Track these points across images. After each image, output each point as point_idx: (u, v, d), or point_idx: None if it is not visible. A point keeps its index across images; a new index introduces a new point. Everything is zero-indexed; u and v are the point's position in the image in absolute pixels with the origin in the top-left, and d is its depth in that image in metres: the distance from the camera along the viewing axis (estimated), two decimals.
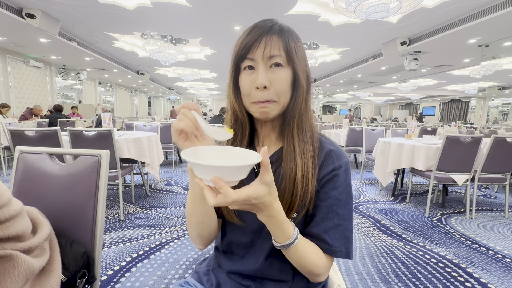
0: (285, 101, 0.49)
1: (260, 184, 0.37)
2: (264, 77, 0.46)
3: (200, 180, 0.35)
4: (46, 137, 2.03)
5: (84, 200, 0.64)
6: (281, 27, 0.49)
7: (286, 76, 0.48)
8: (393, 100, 20.60)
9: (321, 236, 0.48)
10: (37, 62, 7.34)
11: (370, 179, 3.65)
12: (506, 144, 2.17)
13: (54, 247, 0.52)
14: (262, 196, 0.37)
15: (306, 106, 0.51)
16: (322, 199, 0.49)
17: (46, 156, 0.68)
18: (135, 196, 2.72)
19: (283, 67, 0.47)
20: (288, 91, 0.49)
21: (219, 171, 0.33)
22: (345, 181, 0.50)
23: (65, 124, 4.63)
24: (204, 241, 0.56)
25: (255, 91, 0.47)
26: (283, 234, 0.43)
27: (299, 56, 0.49)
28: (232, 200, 0.34)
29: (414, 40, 5.56)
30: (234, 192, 0.34)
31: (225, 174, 0.33)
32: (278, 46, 0.46)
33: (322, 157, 0.51)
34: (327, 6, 4.36)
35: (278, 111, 0.49)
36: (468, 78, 9.71)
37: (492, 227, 2.13)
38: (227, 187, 0.33)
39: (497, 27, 4.40)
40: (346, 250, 0.48)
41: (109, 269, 1.46)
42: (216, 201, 0.34)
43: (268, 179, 0.37)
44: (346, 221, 0.49)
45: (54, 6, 4.40)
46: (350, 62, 8.25)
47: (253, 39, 0.47)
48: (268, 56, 0.46)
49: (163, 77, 12.17)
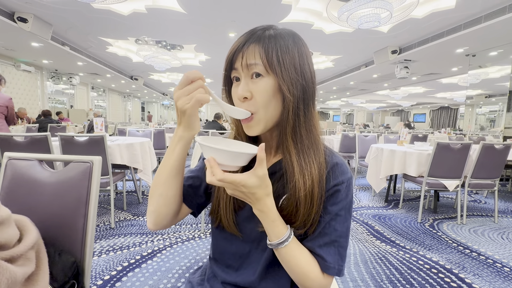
0: (268, 114, 0.45)
1: (252, 175, 0.39)
2: (243, 87, 0.44)
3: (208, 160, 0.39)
4: (35, 142, 1.98)
5: (74, 208, 0.62)
6: (266, 34, 0.45)
7: (267, 86, 0.44)
8: (385, 107, 21.00)
9: (317, 251, 0.47)
10: (28, 66, 7.23)
11: (364, 185, 3.68)
12: (494, 150, 2.23)
13: (42, 256, 0.50)
14: (252, 187, 0.39)
15: (303, 119, 0.46)
16: (321, 214, 0.48)
17: (36, 162, 0.67)
18: (127, 202, 2.67)
19: (263, 76, 0.44)
20: (272, 103, 0.45)
21: (217, 153, 0.38)
22: (346, 197, 0.48)
23: (56, 129, 4.53)
24: (158, 220, 0.50)
25: (239, 103, 0.46)
26: (274, 232, 0.44)
27: (286, 64, 0.44)
28: (219, 179, 0.38)
29: (405, 49, 5.71)
30: (223, 172, 0.38)
31: (221, 157, 0.39)
32: (253, 54, 0.43)
33: (326, 173, 0.48)
34: (320, 15, 4.45)
35: (262, 126, 0.46)
36: (457, 86, 10.00)
37: (482, 232, 2.16)
38: (217, 167, 0.38)
39: (483, 37, 4.56)
40: (339, 267, 0.47)
41: (99, 279, 1.42)
42: (209, 179, 0.39)
43: (261, 173, 0.39)
44: (343, 237, 0.48)
45: (47, 10, 4.36)
46: (343, 70, 8.41)
47: (234, 49, 0.45)
48: (245, 65, 0.44)
49: (157, 83, 12.13)
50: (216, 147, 0.38)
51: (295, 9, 4.22)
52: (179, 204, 0.52)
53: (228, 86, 0.50)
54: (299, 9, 4.26)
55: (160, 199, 0.49)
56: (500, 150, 2.24)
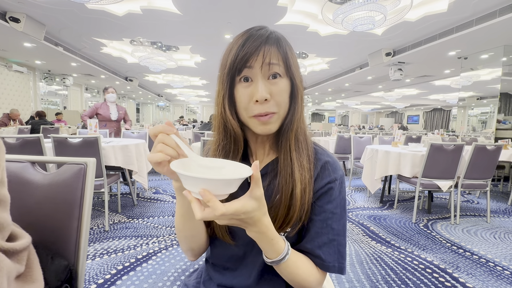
0: (284, 113, 0.47)
1: (249, 199, 0.36)
2: (265, 89, 0.43)
3: (188, 192, 0.34)
4: (27, 144, 1.95)
5: (67, 210, 0.61)
6: (277, 36, 0.47)
7: (286, 87, 0.46)
8: (379, 109, 21.23)
9: (315, 252, 0.47)
10: (20, 67, 7.11)
11: (359, 186, 3.71)
12: (486, 151, 2.27)
13: (33, 258, 0.49)
14: (251, 211, 0.36)
15: (302, 117, 0.50)
16: (316, 213, 0.48)
17: (28, 164, 0.65)
18: (122, 205, 2.64)
19: (282, 77, 0.45)
20: (287, 102, 0.47)
21: (208, 183, 0.32)
22: (340, 194, 0.49)
23: (49, 130, 4.46)
24: (195, 253, 0.55)
25: (254, 104, 0.44)
26: (273, 250, 0.42)
27: (296, 65, 0.47)
28: (220, 214, 0.32)
29: (398, 51, 5.79)
30: (223, 205, 0.33)
31: (214, 187, 0.32)
32: (277, 56, 0.44)
33: (318, 169, 0.49)
34: (315, 17, 4.49)
35: (278, 124, 0.47)
36: (449, 88, 10.17)
37: (475, 232, 2.20)
38: (215, 200, 0.32)
39: (475, 40, 4.66)
40: (339, 265, 0.48)
41: (92, 282, 1.40)
42: (203, 215, 0.33)
43: (258, 193, 0.36)
44: (340, 235, 0.48)
45: (40, 10, 4.31)
46: (338, 72, 8.48)
47: (251, 50, 0.43)
48: (268, 67, 0.44)
49: (152, 84, 12.05)
50: (205, 177, 0.31)
51: (290, 11, 4.25)
52: (205, 234, 0.54)
53: (230, 87, 0.47)
54: (294, 11, 4.28)
55: (187, 239, 0.52)
56: (491, 151, 2.28)
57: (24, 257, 0.46)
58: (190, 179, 0.32)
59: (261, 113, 0.44)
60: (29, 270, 0.46)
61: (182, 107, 22.01)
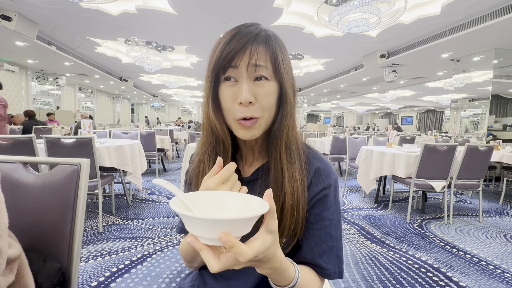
0: (269, 118, 0.44)
1: (266, 234, 0.31)
2: (249, 91, 0.40)
3: (195, 239, 0.27)
4: (19, 145, 1.91)
5: (61, 212, 0.60)
6: (267, 34, 0.43)
7: (272, 90, 0.42)
8: (374, 110, 21.44)
9: (316, 261, 0.46)
10: (12, 66, 6.98)
11: (354, 186, 3.73)
12: (478, 152, 2.31)
13: (23, 265, 0.48)
14: (269, 247, 0.31)
15: (293, 123, 0.46)
16: (313, 222, 0.46)
17: (20, 165, 0.64)
18: (116, 206, 2.60)
19: (269, 80, 0.42)
20: (274, 107, 0.43)
21: (229, 225, 0.25)
22: (335, 199, 0.48)
23: (41, 131, 4.39)
24: (196, 267, 0.57)
25: (237, 106, 0.41)
26: (285, 278, 0.39)
27: (286, 68, 0.44)
28: (246, 260, 0.27)
29: (393, 53, 5.87)
30: (249, 248, 0.28)
31: (233, 228, 0.26)
32: (265, 57, 0.41)
33: (311, 175, 0.47)
34: (311, 19, 4.52)
35: (262, 130, 0.44)
36: (442, 90, 10.34)
37: (468, 231, 2.23)
38: (240, 245, 0.26)
39: (467, 43, 4.74)
40: (339, 270, 0.47)
41: (86, 285, 1.38)
42: (222, 265, 0.28)
43: (274, 227, 0.31)
44: (339, 241, 0.48)
45: (32, 9, 4.24)
46: (333, 73, 8.54)
47: (236, 48, 0.40)
48: (253, 68, 0.41)
49: (147, 84, 11.96)
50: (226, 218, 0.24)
51: (286, 12, 4.27)
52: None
53: (214, 86, 0.44)
54: (290, 12, 4.30)
55: (200, 264, 0.55)
56: (484, 152, 2.32)
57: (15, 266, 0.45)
58: (205, 223, 0.25)
59: (245, 117, 0.41)
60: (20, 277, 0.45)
61: (177, 107, 21.87)
